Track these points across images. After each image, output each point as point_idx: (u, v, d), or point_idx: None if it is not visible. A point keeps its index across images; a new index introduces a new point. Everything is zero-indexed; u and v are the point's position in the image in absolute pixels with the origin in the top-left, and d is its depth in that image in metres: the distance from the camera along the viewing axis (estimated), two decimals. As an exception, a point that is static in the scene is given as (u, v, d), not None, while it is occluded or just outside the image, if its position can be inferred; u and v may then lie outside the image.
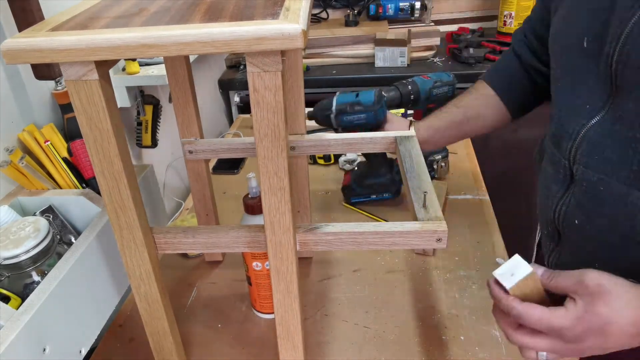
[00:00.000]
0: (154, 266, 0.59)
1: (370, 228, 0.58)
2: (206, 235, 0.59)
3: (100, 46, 0.42)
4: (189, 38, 0.42)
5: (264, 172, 0.50)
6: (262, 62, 0.44)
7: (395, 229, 0.57)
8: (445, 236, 0.57)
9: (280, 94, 0.46)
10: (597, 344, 0.48)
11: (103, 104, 0.47)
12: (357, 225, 0.59)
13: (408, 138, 0.76)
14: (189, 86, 0.75)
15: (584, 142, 0.61)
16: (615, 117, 0.58)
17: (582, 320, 0.47)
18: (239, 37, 0.42)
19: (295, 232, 0.57)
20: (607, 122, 0.59)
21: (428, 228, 0.57)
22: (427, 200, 0.61)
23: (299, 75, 0.75)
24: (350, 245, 0.59)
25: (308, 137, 0.80)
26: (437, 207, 0.61)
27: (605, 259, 0.60)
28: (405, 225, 0.58)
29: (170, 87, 0.75)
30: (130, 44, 0.42)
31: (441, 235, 0.57)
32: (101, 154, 0.50)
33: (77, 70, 0.45)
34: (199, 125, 0.80)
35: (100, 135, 0.49)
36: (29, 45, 0.43)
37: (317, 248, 0.59)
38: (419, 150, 0.73)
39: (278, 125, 0.47)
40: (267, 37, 0.41)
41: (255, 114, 0.47)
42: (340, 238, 0.58)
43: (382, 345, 0.76)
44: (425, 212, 0.60)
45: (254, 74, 0.45)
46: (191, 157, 0.81)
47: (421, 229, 0.57)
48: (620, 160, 0.57)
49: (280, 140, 0.48)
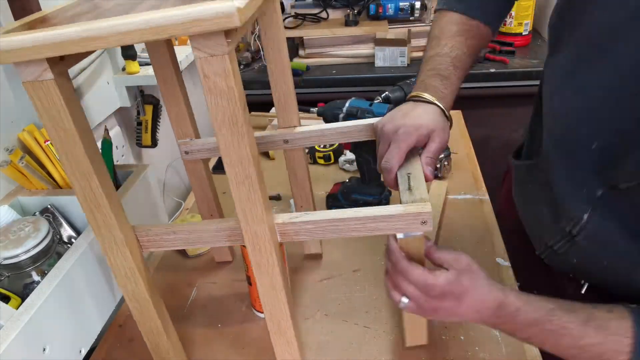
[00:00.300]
0: (138, 264, 0.59)
1: (351, 214, 0.57)
2: (187, 231, 0.59)
3: (44, 43, 0.43)
4: (128, 27, 0.42)
5: (227, 162, 0.50)
6: (205, 45, 0.43)
7: (377, 214, 0.56)
8: (430, 218, 0.55)
9: (232, 79, 0.45)
10: (450, 307, 0.58)
11: (62, 103, 0.47)
12: (338, 212, 0.57)
13: None
14: (177, 86, 0.74)
15: (588, 224, 0.63)
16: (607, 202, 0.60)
17: (450, 284, 0.57)
18: (175, 21, 0.41)
19: (271, 222, 0.56)
20: (603, 206, 0.61)
21: (411, 210, 0.55)
22: (411, 182, 0.59)
23: (285, 66, 0.73)
24: (331, 234, 0.57)
25: (301, 130, 0.78)
26: (423, 189, 0.58)
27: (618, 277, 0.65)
28: (388, 208, 0.56)
29: (160, 89, 0.74)
30: (73, 38, 0.43)
31: (425, 218, 0.55)
32: (69, 154, 0.50)
33: (32, 72, 0.45)
34: (193, 125, 0.79)
35: (64, 135, 0.49)
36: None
37: (299, 238, 0.58)
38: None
39: (234, 112, 0.47)
40: (201, 18, 0.41)
41: (209, 102, 0.46)
42: (321, 226, 0.57)
43: (382, 345, 0.76)
44: (409, 194, 0.58)
45: (201, 60, 0.44)
46: (188, 158, 0.81)
47: (404, 211, 0.55)
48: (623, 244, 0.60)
49: (239, 127, 0.47)
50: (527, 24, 1.71)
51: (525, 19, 1.70)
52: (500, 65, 1.57)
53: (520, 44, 1.72)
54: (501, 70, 1.55)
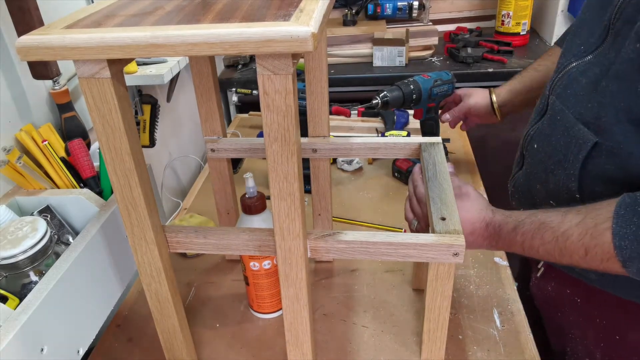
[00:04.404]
0: (164, 264, 0.59)
1: (384, 238, 0.57)
2: (218, 237, 0.59)
3: (109, 45, 0.42)
4: (197, 39, 0.41)
5: (274, 177, 0.50)
6: (272, 64, 0.43)
7: (410, 241, 0.56)
8: (463, 251, 0.55)
9: (291, 98, 0.45)
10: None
11: (115, 102, 0.47)
12: (371, 234, 0.57)
13: (433, 145, 0.74)
14: (212, 84, 0.74)
15: (565, 76, 0.69)
16: (597, 61, 0.64)
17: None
18: (247, 38, 0.41)
19: (305, 238, 0.56)
20: (589, 64, 0.65)
21: (444, 242, 0.55)
22: (444, 211, 0.59)
23: (323, 76, 0.74)
24: (362, 255, 0.58)
25: (331, 140, 0.79)
26: (457, 219, 0.58)
27: (541, 182, 0.73)
28: (421, 237, 0.56)
29: (194, 84, 0.75)
30: (140, 43, 0.42)
31: (458, 250, 0.55)
32: (113, 152, 0.50)
33: (89, 68, 0.45)
34: (222, 124, 0.80)
35: (112, 133, 0.49)
36: (42, 42, 0.43)
37: (329, 256, 0.58)
38: (443, 157, 0.71)
39: (288, 129, 0.47)
40: (276, 39, 0.40)
41: (265, 117, 0.46)
42: (352, 247, 0.57)
43: (380, 344, 0.76)
44: (443, 224, 0.58)
45: (264, 77, 0.44)
46: (214, 156, 0.81)
47: (437, 242, 0.55)
48: (584, 98, 0.64)
49: (290, 145, 0.47)
50: (525, 23, 1.71)
51: (524, 18, 1.70)
52: (499, 65, 1.58)
53: (518, 43, 1.72)
54: (499, 70, 1.55)
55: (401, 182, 1.16)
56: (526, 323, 0.77)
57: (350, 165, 1.22)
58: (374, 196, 1.13)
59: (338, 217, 1.05)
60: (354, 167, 1.22)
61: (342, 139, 0.79)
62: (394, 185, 1.16)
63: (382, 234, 0.57)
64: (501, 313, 0.79)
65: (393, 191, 1.14)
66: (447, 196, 0.63)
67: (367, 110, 1.42)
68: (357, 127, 1.40)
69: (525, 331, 0.76)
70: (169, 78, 1.03)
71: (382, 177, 1.20)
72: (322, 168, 0.83)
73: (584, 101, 0.64)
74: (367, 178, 1.20)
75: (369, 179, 1.20)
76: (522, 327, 0.77)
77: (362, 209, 1.08)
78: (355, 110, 1.42)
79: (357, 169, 1.23)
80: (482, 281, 0.85)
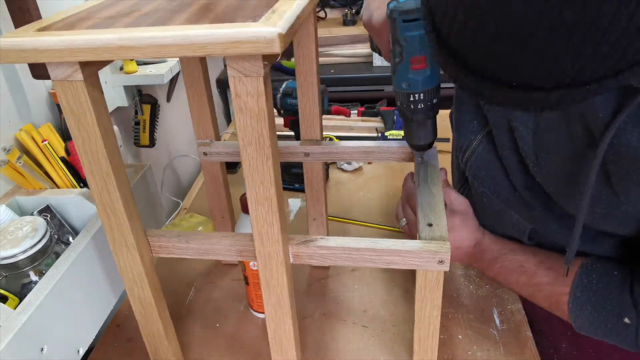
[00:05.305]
0: (147, 269, 0.58)
1: (368, 244, 0.55)
2: (200, 241, 0.58)
3: (80, 47, 0.42)
4: (165, 40, 0.41)
5: (250, 182, 0.49)
6: (242, 66, 0.43)
7: (394, 247, 0.54)
8: (448, 259, 0.53)
9: (263, 100, 0.44)
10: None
11: (89, 104, 0.46)
12: (354, 240, 0.56)
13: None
14: (204, 86, 0.74)
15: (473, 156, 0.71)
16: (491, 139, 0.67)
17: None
18: (215, 40, 0.40)
19: (286, 243, 0.55)
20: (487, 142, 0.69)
21: (429, 248, 0.53)
22: (432, 218, 0.58)
23: (314, 79, 0.74)
24: (345, 261, 0.56)
25: (324, 144, 0.78)
26: (444, 226, 0.57)
27: (489, 228, 0.74)
28: (406, 243, 0.55)
29: (186, 87, 0.74)
30: (109, 45, 0.42)
31: (443, 257, 0.53)
32: (89, 155, 0.50)
33: (63, 71, 0.45)
34: (215, 126, 0.79)
35: (87, 136, 0.48)
36: (13, 45, 0.43)
37: (312, 262, 0.57)
38: (436, 162, 0.69)
39: (262, 133, 0.46)
40: (242, 40, 0.40)
41: (239, 120, 0.46)
42: (334, 253, 0.56)
43: (380, 344, 0.76)
44: (429, 230, 0.56)
45: (235, 79, 0.44)
46: (206, 159, 0.80)
47: (421, 249, 0.54)
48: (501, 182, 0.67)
49: (265, 149, 0.47)
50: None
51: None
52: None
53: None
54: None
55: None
56: (526, 323, 0.77)
57: (350, 165, 1.22)
58: (374, 196, 1.13)
59: (338, 217, 1.05)
60: (353, 167, 1.22)
61: (335, 143, 0.79)
62: (394, 185, 1.16)
63: (365, 240, 0.56)
64: (501, 313, 0.79)
65: (393, 191, 1.14)
66: (436, 202, 0.61)
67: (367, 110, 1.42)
68: (357, 127, 1.40)
69: (524, 331, 0.76)
70: (169, 78, 1.03)
71: (382, 177, 1.20)
72: (315, 172, 0.82)
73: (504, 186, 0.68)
74: (367, 178, 1.20)
75: (368, 178, 1.20)
76: (522, 326, 0.77)
77: (362, 208, 1.08)
78: (355, 110, 1.42)
79: (357, 168, 1.23)
80: (482, 281, 0.85)
